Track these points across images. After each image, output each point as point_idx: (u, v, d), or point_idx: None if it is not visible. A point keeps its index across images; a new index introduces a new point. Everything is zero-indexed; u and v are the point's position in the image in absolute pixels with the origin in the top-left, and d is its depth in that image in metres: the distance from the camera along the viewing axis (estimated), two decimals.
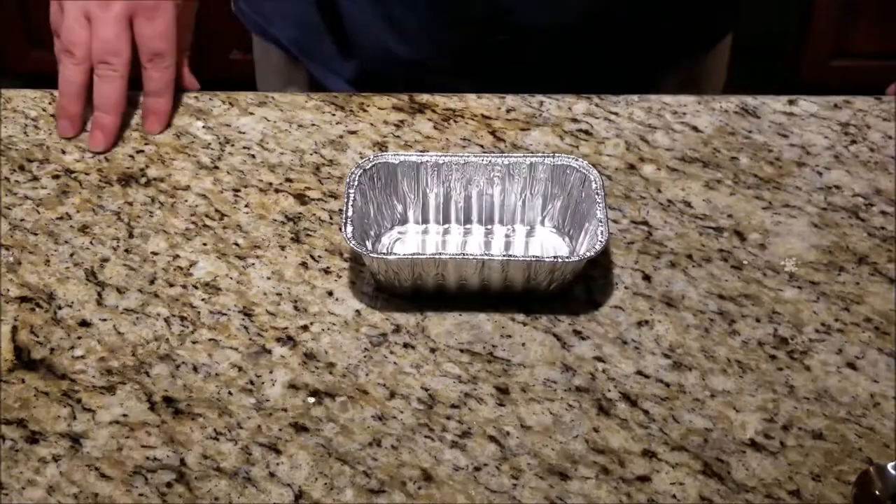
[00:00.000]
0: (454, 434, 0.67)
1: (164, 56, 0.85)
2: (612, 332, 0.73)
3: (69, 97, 0.84)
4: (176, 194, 0.82)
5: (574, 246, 0.77)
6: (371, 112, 0.89)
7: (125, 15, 0.82)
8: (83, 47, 0.83)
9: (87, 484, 0.64)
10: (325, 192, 0.83)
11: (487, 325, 0.73)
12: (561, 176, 0.77)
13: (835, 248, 0.79)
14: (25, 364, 0.71)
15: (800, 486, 0.64)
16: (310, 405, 0.68)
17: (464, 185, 0.78)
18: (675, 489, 0.64)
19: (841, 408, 0.68)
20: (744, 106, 0.90)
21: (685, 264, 0.77)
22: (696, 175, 0.84)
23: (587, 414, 0.68)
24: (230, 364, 0.71)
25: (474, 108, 0.89)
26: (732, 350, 0.72)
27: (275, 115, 0.89)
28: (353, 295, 0.75)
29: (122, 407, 0.68)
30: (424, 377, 0.70)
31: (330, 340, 0.72)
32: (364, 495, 0.64)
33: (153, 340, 0.72)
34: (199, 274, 0.76)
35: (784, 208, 0.81)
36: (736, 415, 0.68)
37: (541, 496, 0.64)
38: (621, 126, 0.88)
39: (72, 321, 0.73)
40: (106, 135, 0.84)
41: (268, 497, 0.64)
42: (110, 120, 0.84)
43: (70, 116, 0.85)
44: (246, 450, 0.66)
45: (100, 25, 0.82)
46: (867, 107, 0.90)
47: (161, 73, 0.85)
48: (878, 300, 0.75)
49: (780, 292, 0.75)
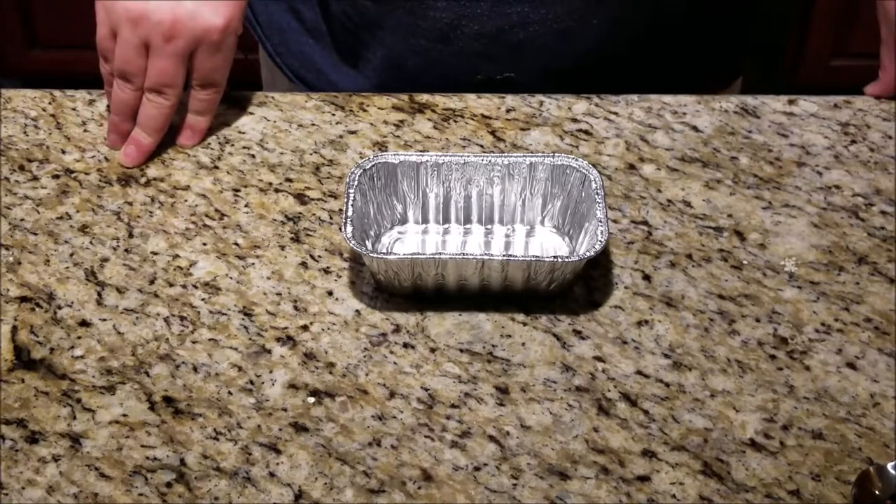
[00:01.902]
0: (454, 434, 0.67)
1: (217, 85, 0.86)
2: (612, 332, 0.73)
3: (123, 116, 0.85)
4: (176, 194, 0.82)
5: (574, 246, 0.77)
6: (371, 112, 0.89)
7: (188, 50, 0.82)
8: (140, 77, 0.83)
9: (86, 484, 0.64)
10: (325, 191, 0.83)
11: (487, 324, 0.73)
12: (561, 176, 0.77)
13: (835, 248, 0.79)
14: (25, 364, 0.71)
15: (800, 486, 0.64)
16: (310, 405, 0.68)
17: (464, 184, 0.78)
18: (674, 489, 0.64)
19: (841, 408, 0.68)
20: (744, 106, 0.90)
21: (685, 264, 0.77)
22: (695, 175, 0.84)
23: (587, 414, 0.68)
24: (230, 364, 0.71)
25: (474, 108, 0.89)
26: (732, 350, 0.72)
27: (275, 115, 0.89)
28: (352, 295, 0.75)
29: (121, 407, 0.68)
30: (424, 377, 0.70)
31: (330, 340, 0.72)
32: (364, 495, 0.64)
33: (153, 340, 0.72)
34: (199, 274, 0.76)
35: (784, 208, 0.81)
36: (736, 415, 0.68)
37: (541, 496, 0.64)
38: (621, 126, 0.88)
39: (72, 321, 0.73)
40: (141, 153, 0.85)
41: (268, 497, 0.64)
42: (149, 141, 0.85)
43: (122, 133, 0.86)
44: (246, 450, 0.66)
45: (160, 58, 0.82)
46: (867, 107, 0.90)
47: (210, 96, 0.86)
48: (878, 300, 0.75)
49: (780, 292, 0.75)
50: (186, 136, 0.86)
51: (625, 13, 0.88)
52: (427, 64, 0.92)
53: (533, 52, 0.90)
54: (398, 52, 0.92)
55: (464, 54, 0.90)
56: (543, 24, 0.88)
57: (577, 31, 0.88)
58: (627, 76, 0.91)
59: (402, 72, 0.93)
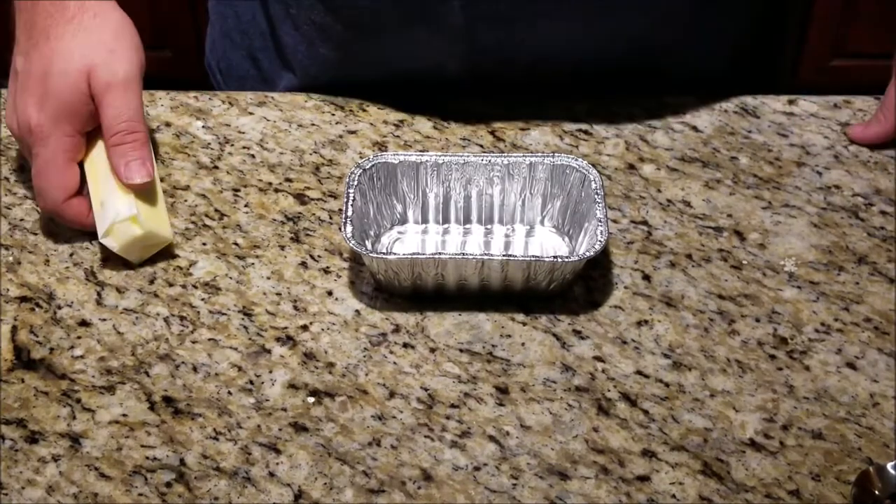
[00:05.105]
0: (454, 434, 0.67)
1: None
2: (611, 332, 0.73)
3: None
4: (176, 194, 0.82)
5: (574, 246, 0.77)
6: (370, 112, 0.89)
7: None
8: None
9: (86, 484, 0.64)
10: (325, 191, 0.83)
11: (487, 324, 0.73)
12: (561, 176, 0.77)
13: (834, 247, 0.79)
14: (25, 364, 0.71)
15: (800, 486, 0.64)
16: (309, 405, 0.68)
17: (463, 184, 0.78)
18: (674, 489, 0.64)
19: (841, 408, 0.68)
20: (743, 106, 0.90)
21: (685, 264, 0.77)
22: (695, 175, 0.84)
23: (587, 414, 0.68)
24: (230, 364, 0.71)
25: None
26: (732, 350, 0.72)
27: (274, 115, 0.89)
28: (352, 295, 0.75)
29: (121, 407, 0.68)
30: (424, 377, 0.70)
31: (329, 340, 0.72)
32: (364, 495, 0.64)
33: (153, 340, 0.72)
34: (199, 274, 0.76)
35: (784, 208, 0.81)
36: (735, 415, 0.68)
37: (540, 496, 0.64)
38: (621, 126, 0.88)
39: (71, 321, 0.73)
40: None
41: (267, 497, 0.64)
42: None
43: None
44: (245, 449, 0.66)
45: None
46: (867, 107, 0.90)
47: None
48: (877, 300, 0.75)
49: (780, 292, 0.75)
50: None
51: (627, 20, 0.87)
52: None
53: (534, 58, 0.89)
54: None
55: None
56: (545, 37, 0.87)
57: (579, 40, 0.87)
58: (628, 78, 0.91)
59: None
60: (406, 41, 0.86)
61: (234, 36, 0.98)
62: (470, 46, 0.85)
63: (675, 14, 0.86)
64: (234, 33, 0.98)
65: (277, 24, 0.92)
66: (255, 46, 0.97)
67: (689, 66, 0.90)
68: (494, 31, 0.84)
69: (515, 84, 0.89)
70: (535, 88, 0.89)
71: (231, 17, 0.98)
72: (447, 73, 0.88)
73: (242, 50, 0.98)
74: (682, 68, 0.90)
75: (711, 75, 0.92)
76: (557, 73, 0.88)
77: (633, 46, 0.87)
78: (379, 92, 0.90)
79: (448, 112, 0.89)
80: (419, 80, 0.89)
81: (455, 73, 0.88)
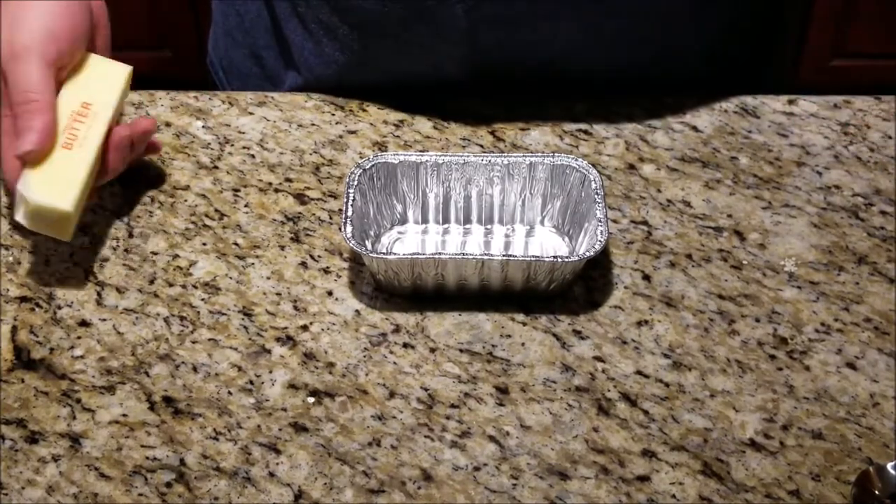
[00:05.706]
0: (454, 434, 0.67)
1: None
2: (611, 332, 0.73)
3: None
4: (175, 194, 0.82)
5: (574, 246, 0.77)
6: (370, 112, 0.89)
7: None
8: None
9: (86, 484, 0.64)
10: (325, 191, 0.83)
11: (487, 324, 0.73)
12: (560, 176, 0.77)
13: (834, 247, 0.79)
14: (25, 364, 0.71)
15: (799, 486, 0.64)
16: (309, 405, 0.68)
17: (463, 184, 0.78)
18: (674, 489, 0.64)
19: (840, 408, 0.68)
20: (743, 106, 0.90)
21: (685, 264, 0.77)
22: (695, 175, 0.84)
23: (587, 414, 0.68)
24: (230, 364, 0.71)
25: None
26: (732, 350, 0.72)
27: (274, 115, 0.89)
28: (352, 295, 0.75)
29: (121, 407, 0.68)
30: (424, 377, 0.70)
31: (329, 340, 0.72)
32: (364, 495, 0.64)
33: (153, 340, 0.72)
34: (199, 274, 0.76)
35: (784, 208, 0.81)
36: (735, 415, 0.68)
37: (540, 496, 0.64)
38: (621, 126, 0.88)
39: (71, 321, 0.73)
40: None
41: (267, 497, 0.64)
42: None
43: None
44: (245, 450, 0.66)
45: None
46: (867, 107, 0.90)
47: None
48: (877, 300, 0.75)
49: (780, 292, 0.75)
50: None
51: (628, 22, 0.87)
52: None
53: (535, 59, 0.89)
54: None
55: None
56: (548, 42, 0.87)
57: (581, 42, 0.87)
58: (628, 79, 0.91)
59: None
60: (408, 43, 0.86)
61: (235, 34, 0.98)
62: (472, 48, 0.85)
63: (675, 15, 0.86)
64: (235, 32, 0.98)
65: (283, 22, 0.92)
66: (258, 45, 0.97)
67: (689, 67, 0.90)
68: (496, 34, 0.84)
69: (516, 84, 0.89)
70: (535, 89, 0.89)
71: (233, 16, 0.98)
72: (448, 74, 0.88)
73: (244, 48, 0.98)
74: (682, 68, 0.90)
75: (711, 75, 0.92)
76: (558, 73, 0.88)
77: (634, 47, 0.87)
78: (380, 92, 0.90)
79: (448, 112, 0.89)
80: (420, 81, 0.89)
81: (456, 74, 0.88)
